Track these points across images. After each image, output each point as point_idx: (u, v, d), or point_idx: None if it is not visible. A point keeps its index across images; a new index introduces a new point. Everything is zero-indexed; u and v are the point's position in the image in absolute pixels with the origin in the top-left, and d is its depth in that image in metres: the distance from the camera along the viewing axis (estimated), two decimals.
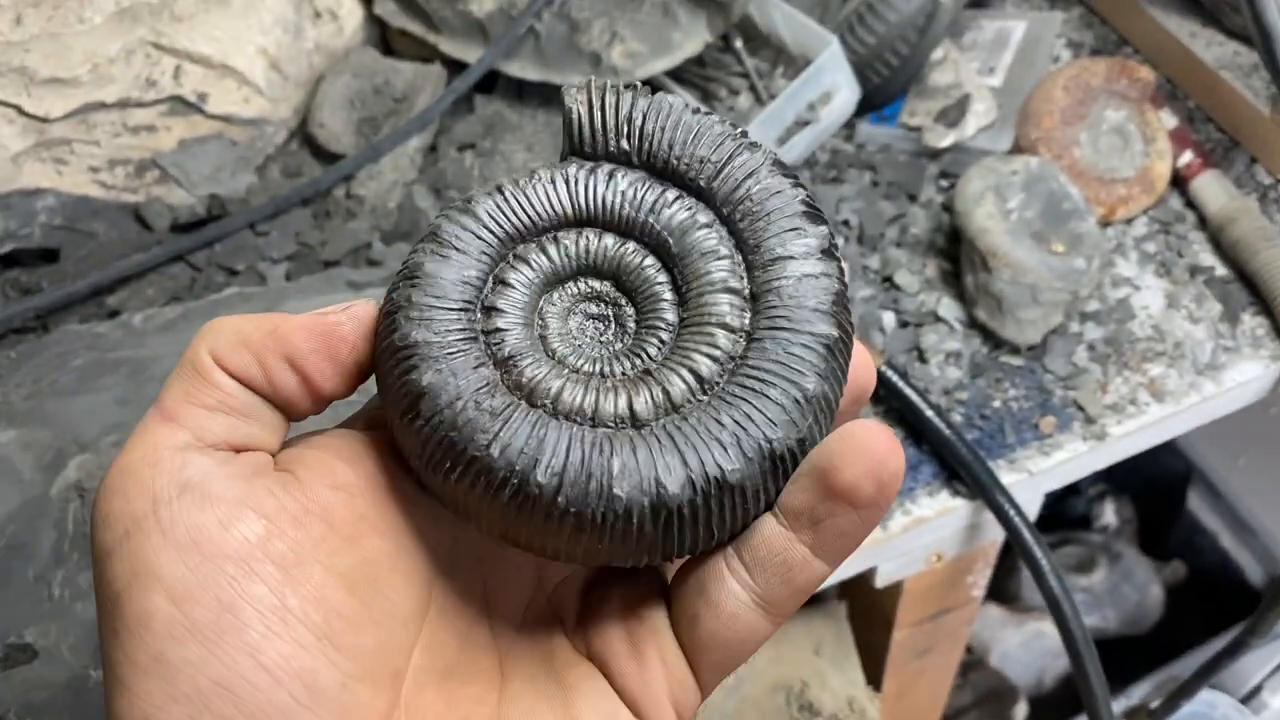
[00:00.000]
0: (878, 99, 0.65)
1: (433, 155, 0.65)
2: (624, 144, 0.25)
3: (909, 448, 0.54)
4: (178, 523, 0.22)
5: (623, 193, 0.25)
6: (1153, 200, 0.61)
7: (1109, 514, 1.15)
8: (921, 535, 0.54)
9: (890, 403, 0.54)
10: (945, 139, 0.62)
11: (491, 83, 0.68)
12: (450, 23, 0.65)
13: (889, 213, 0.61)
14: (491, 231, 0.24)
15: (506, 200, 0.25)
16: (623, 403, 0.23)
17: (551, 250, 0.25)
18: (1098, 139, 0.61)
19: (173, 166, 0.62)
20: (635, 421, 0.23)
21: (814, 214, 0.25)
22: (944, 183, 0.63)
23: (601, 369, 0.24)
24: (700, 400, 0.23)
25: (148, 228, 0.62)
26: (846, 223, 0.61)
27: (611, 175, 0.25)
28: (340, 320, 0.24)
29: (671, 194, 0.25)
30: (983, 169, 0.57)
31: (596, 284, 0.25)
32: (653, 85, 0.66)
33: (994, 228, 0.55)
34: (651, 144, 0.25)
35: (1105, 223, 0.61)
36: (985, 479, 0.52)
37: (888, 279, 0.59)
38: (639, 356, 0.24)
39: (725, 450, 0.23)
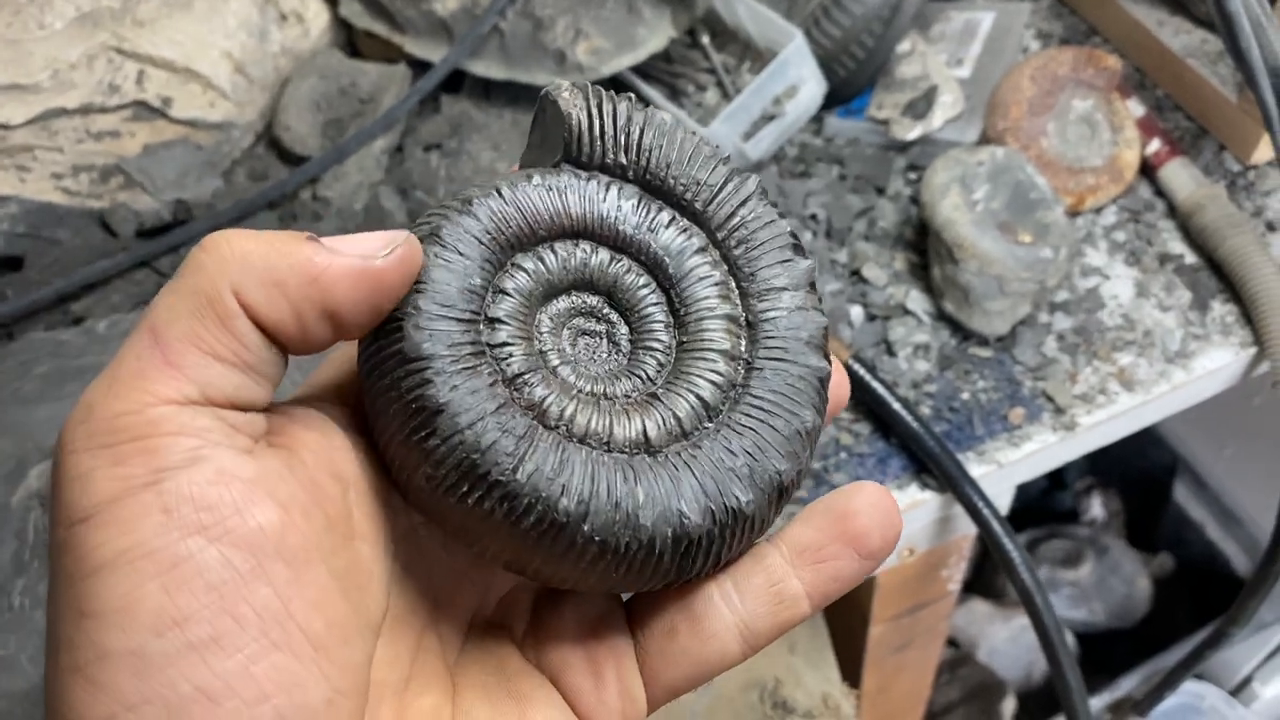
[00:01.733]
0: (845, 92, 0.64)
1: (399, 156, 0.65)
2: (622, 157, 0.25)
3: (877, 441, 0.54)
4: (186, 500, 0.19)
5: (621, 208, 0.24)
6: (1121, 189, 0.61)
7: (1096, 507, 1.14)
8: None
9: (858, 396, 0.54)
10: (912, 131, 0.62)
11: (458, 82, 0.67)
12: (415, 23, 0.65)
13: (857, 206, 0.61)
14: (493, 236, 0.23)
15: (507, 204, 0.23)
16: (636, 427, 0.23)
17: (549, 260, 0.24)
18: (1065, 128, 0.61)
19: (137, 172, 0.61)
20: (649, 447, 0.23)
21: (799, 246, 0.26)
22: (912, 175, 0.63)
23: (605, 389, 0.24)
24: (707, 427, 0.24)
25: (113, 234, 0.61)
26: (814, 216, 0.61)
27: (609, 188, 0.24)
28: (387, 268, 0.21)
29: (667, 214, 0.25)
30: (949, 160, 0.57)
31: (590, 299, 0.25)
32: (620, 84, 0.65)
33: (960, 219, 0.55)
34: (649, 160, 0.25)
35: (1074, 212, 0.61)
36: (954, 471, 0.51)
37: (855, 272, 0.59)
38: (638, 377, 0.24)
39: (741, 481, 0.23)
